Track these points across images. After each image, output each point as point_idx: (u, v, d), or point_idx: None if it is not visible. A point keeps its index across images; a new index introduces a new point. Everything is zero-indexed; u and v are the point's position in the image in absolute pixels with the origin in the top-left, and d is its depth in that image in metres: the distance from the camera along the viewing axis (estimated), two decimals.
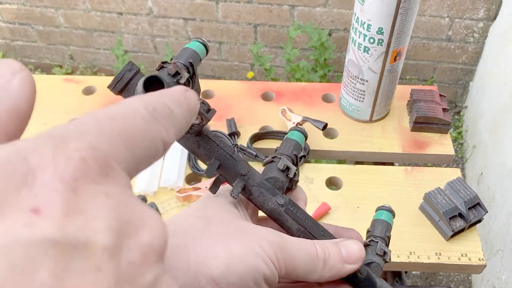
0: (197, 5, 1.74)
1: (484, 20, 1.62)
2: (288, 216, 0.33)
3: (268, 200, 0.33)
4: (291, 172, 0.34)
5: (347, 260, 0.31)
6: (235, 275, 0.27)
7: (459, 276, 1.49)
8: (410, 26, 0.72)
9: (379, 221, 0.38)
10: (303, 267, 0.29)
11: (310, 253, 0.30)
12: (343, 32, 1.73)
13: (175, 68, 0.30)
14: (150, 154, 0.18)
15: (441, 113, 0.81)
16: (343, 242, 0.32)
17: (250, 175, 0.33)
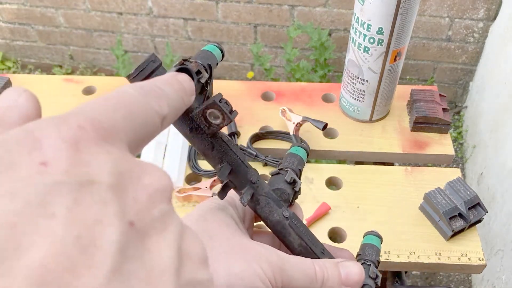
0: (197, 5, 1.74)
1: (484, 20, 1.62)
2: (291, 229, 0.32)
3: (274, 212, 0.32)
4: (297, 185, 0.34)
5: (346, 282, 0.31)
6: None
7: (459, 276, 1.49)
8: (410, 26, 0.72)
9: (369, 245, 0.38)
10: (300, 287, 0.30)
11: (308, 274, 0.30)
12: (343, 32, 1.73)
13: (197, 66, 0.29)
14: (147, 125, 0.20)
15: (441, 113, 0.81)
16: (344, 263, 0.32)
17: (259, 183, 0.32)
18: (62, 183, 0.15)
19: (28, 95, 0.18)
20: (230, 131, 0.82)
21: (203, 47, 0.33)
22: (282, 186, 0.33)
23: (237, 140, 0.81)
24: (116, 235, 0.15)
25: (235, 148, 0.32)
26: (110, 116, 0.18)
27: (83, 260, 0.14)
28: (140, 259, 0.16)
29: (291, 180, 0.34)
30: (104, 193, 0.15)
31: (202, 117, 0.29)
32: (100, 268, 0.14)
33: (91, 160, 0.16)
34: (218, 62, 0.33)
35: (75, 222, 0.14)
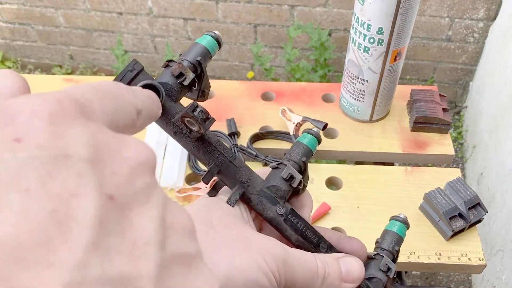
0: (197, 5, 1.74)
1: (484, 20, 1.62)
2: (287, 226, 0.32)
3: (267, 209, 0.32)
4: (295, 181, 0.33)
5: (346, 279, 0.31)
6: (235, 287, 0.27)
7: (459, 276, 1.49)
8: (410, 26, 0.72)
9: (390, 233, 0.36)
10: (302, 282, 0.29)
11: (311, 268, 0.30)
12: (343, 32, 1.73)
13: (179, 68, 0.30)
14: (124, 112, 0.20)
15: (441, 113, 0.81)
16: (344, 259, 0.31)
17: (251, 182, 0.32)
18: (36, 158, 0.14)
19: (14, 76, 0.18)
20: (230, 131, 0.82)
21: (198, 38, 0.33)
22: (278, 183, 0.33)
23: (237, 140, 0.81)
24: (94, 208, 0.14)
25: (223, 149, 0.32)
26: (87, 95, 0.18)
27: (59, 234, 0.14)
28: (121, 233, 0.15)
29: (287, 176, 0.33)
30: (81, 166, 0.15)
31: (182, 124, 0.30)
32: (78, 242, 0.14)
33: (67, 133, 0.15)
34: (212, 55, 0.32)
35: (50, 196, 0.14)
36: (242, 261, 0.28)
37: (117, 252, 0.15)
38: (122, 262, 0.15)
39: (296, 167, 0.34)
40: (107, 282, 0.14)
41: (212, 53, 0.32)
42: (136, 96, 0.22)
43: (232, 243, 0.29)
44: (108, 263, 0.14)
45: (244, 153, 0.79)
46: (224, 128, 0.83)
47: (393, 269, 0.34)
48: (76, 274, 0.13)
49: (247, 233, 0.30)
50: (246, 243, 0.29)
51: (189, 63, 0.31)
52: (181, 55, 0.31)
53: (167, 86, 0.30)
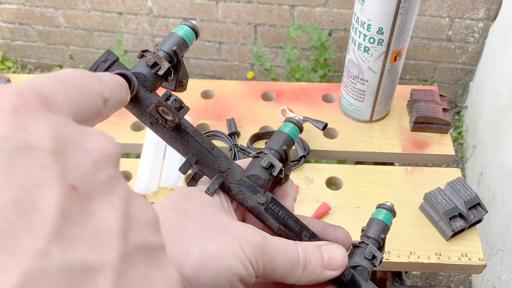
0: (197, 5, 1.74)
1: (484, 20, 1.62)
2: (268, 215, 0.32)
3: (248, 198, 0.32)
4: (275, 170, 0.32)
5: (328, 266, 0.30)
6: (208, 275, 0.26)
7: (459, 276, 1.49)
8: (410, 26, 0.72)
9: (376, 221, 0.35)
10: (282, 270, 0.29)
11: (291, 256, 0.29)
12: (343, 32, 1.73)
13: (154, 58, 0.30)
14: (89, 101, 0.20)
15: (441, 113, 0.81)
16: (327, 247, 0.31)
17: (230, 172, 0.32)
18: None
19: None
20: (230, 131, 0.82)
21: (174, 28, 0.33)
22: (257, 172, 0.32)
23: (237, 140, 0.81)
24: (56, 198, 0.15)
25: (201, 139, 0.31)
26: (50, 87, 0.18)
27: (22, 224, 0.14)
28: (83, 223, 0.15)
29: (267, 165, 0.32)
30: (43, 157, 0.15)
31: (157, 113, 0.30)
32: (40, 231, 0.14)
33: (30, 125, 0.16)
34: (189, 44, 0.32)
35: (13, 186, 0.14)
36: (216, 248, 0.27)
37: (79, 241, 0.15)
38: (84, 251, 0.15)
39: (277, 156, 0.33)
40: (69, 270, 0.14)
41: (189, 43, 0.32)
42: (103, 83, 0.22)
43: (207, 231, 0.28)
44: (70, 251, 0.14)
45: (244, 153, 0.79)
46: (224, 128, 0.83)
47: (378, 257, 0.34)
48: (38, 262, 0.14)
49: (224, 221, 0.29)
50: (222, 230, 0.28)
51: (165, 53, 0.31)
52: (157, 45, 0.31)
53: (141, 76, 0.30)
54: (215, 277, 0.26)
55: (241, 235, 0.28)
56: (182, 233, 0.28)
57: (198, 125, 0.85)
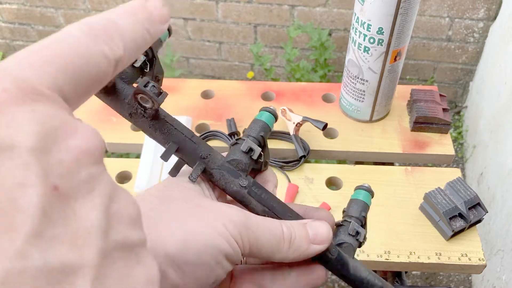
0: (197, 5, 1.74)
1: (484, 20, 1.62)
2: (251, 198, 0.32)
3: (230, 183, 0.32)
4: (255, 153, 0.33)
5: (314, 240, 0.30)
6: (192, 253, 0.26)
7: (459, 276, 1.49)
8: (410, 26, 0.72)
9: (355, 201, 0.36)
10: (268, 247, 0.29)
11: (275, 233, 0.29)
12: (343, 32, 1.73)
13: None
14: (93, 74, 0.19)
15: (441, 113, 0.81)
16: (311, 223, 0.31)
17: (211, 158, 0.32)
18: None
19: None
20: (230, 131, 0.82)
21: None
22: (238, 157, 0.33)
23: None
24: (37, 198, 0.14)
25: (180, 127, 0.32)
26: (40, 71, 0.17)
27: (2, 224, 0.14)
28: (64, 222, 0.15)
29: (247, 149, 0.33)
30: (26, 156, 0.15)
31: (136, 102, 0.30)
32: (20, 231, 0.14)
33: (12, 122, 0.15)
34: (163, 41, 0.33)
35: None
36: (200, 227, 0.27)
37: (60, 242, 0.15)
38: (64, 251, 0.15)
39: (255, 141, 0.34)
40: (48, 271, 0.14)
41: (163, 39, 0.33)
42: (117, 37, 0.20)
43: (190, 211, 0.28)
44: (50, 252, 0.14)
45: None
46: (224, 128, 0.83)
47: (362, 233, 0.34)
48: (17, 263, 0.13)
49: (206, 203, 0.29)
50: (205, 211, 0.28)
51: None
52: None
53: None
54: (200, 254, 0.26)
55: (224, 214, 0.28)
56: (164, 215, 0.28)
57: (198, 125, 0.85)
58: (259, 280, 0.31)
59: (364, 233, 0.34)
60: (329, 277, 1.48)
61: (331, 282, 1.47)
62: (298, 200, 0.73)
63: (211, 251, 0.26)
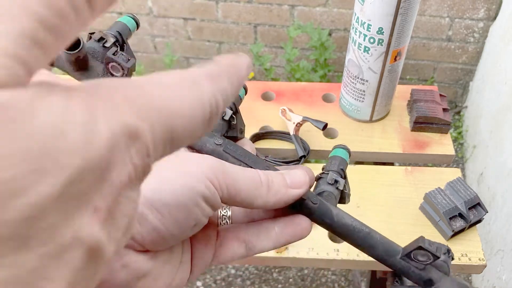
0: (197, 5, 1.74)
1: (484, 20, 1.62)
2: (228, 154, 0.33)
3: (206, 142, 0.33)
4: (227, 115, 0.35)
5: (292, 185, 0.30)
6: (168, 195, 0.26)
7: (459, 276, 1.49)
8: (410, 26, 0.72)
9: (333, 157, 0.38)
10: (247, 191, 0.29)
11: (253, 177, 0.29)
12: (343, 32, 1.73)
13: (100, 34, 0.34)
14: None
15: (441, 113, 0.81)
16: (287, 172, 0.31)
17: None
18: None
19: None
20: None
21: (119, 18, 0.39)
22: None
23: None
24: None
25: None
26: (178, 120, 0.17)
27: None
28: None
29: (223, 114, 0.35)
30: None
31: (108, 74, 0.32)
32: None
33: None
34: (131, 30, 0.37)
35: None
36: (176, 172, 0.27)
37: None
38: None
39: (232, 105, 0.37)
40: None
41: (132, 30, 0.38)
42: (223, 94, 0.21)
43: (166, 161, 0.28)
44: None
45: None
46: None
47: (341, 181, 0.35)
48: None
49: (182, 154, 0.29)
50: (181, 159, 0.28)
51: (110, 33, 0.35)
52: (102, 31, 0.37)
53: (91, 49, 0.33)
54: (176, 196, 0.26)
55: (200, 159, 0.28)
56: None
57: None
58: (244, 236, 0.31)
59: (343, 183, 0.35)
60: (329, 277, 1.48)
61: (331, 282, 1.47)
62: None
63: (188, 193, 0.27)
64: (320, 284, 1.47)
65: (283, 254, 0.67)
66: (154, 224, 0.26)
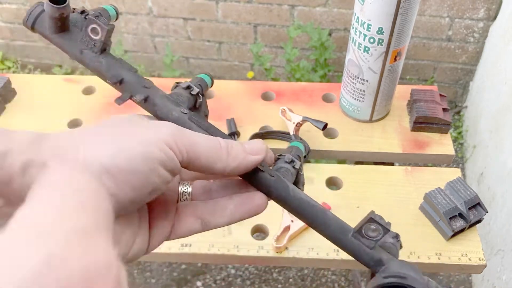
0: (197, 5, 1.74)
1: (484, 20, 1.62)
2: (192, 123, 0.34)
3: (172, 110, 0.34)
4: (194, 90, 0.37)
5: (250, 151, 0.32)
6: (124, 160, 0.27)
7: (459, 276, 1.49)
8: (410, 26, 0.72)
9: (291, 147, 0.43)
10: (206, 155, 0.30)
11: (213, 142, 0.31)
12: (343, 32, 1.73)
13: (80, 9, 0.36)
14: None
15: (441, 113, 0.81)
16: (245, 141, 0.34)
17: (154, 89, 0.36)
18: None
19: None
20: (230, 131, 0.82)
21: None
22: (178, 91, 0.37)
23: (237, 140, 0.81)
24: None
25: (125, 64, 0.36)
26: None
27: None
28: None
29: (186, 86, 0.37)
30: None
31: (87, 37, 0.34)
32: None
33: None
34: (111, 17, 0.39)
35: None
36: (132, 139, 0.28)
37: None
38: None
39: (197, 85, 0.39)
40: None
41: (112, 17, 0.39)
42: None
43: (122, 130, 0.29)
44: None
45: None
46: (224, 128, 0.83)
47: (297, 162, 0.37)
48: None
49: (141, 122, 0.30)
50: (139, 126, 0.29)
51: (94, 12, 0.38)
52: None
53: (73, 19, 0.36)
54: (132, 162, 0.27)
55: (158, 125, 0.30)
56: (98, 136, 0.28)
57: None
58: (201, 213, 0.33)
59: (299, 164, 0.37)
60: (329, 277, 1.48)
61: (331, 282, 1.47)
62: None
63: (144, 159, 0.27)
64: (320, 284, 1.47)
65: (283, 254, 0.67)
66: (112, 191, 0.26)
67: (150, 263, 1.52)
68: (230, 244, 0.68)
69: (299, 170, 0.37)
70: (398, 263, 0.32)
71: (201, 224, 0.33)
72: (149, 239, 0.31)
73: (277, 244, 0.66)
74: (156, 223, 0.32)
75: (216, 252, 0.67)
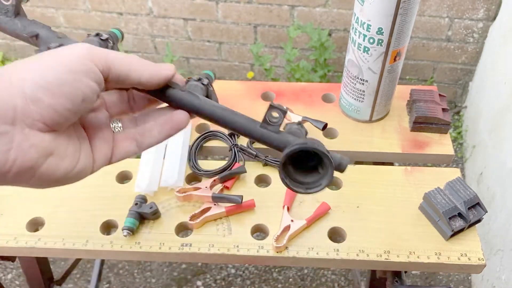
0: (197, 5, 1.74)
1: (483, 20, 1.62)
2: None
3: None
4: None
5: (161, 67, 0.37)
6: (53, 75, 0.31)
7: (459, 276, 1.50)
8: (410, 26, 0.72)
9: (201, 73, 0.49)
10: (120, 63, 0.34)
11: (126, 55, 0.35)
12: (343, 32, 1.73)
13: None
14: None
15: (441, 113, 0.82)
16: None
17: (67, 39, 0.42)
18: None
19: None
20: (230, 131, 0.82)
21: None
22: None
23: (237, 140, 0.81)
24: None
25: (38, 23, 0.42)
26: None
27: None
28: None
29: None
30: None
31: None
32: None
33: None
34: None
35: None
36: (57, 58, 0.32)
37: None
38: None
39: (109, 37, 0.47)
40: None
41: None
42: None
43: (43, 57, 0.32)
44: None
45: (244, 153, 0.79)
46: (224, 129, 0.83)
47: (204, 79, 0.43)
48: None
49: (55, 49, 0.34)
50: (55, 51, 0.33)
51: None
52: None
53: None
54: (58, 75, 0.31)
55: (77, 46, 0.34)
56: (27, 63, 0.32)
57: (198, 125, 0.85)
58: (133, 135, 0.39)
59: (207, 81, 0.43)
60: (329, 277, 1.48)
61: (331, 282, 1.47)
62: (298, 200, 0.73)
63: (68, 71, 0.32)
64: (320, 284, 1.47)
65: (283, 254, 0.67)
66: (47, 102, 0.31)
67: (150, 263, 1.53)
68: (230, 243, 0.68)
69: (207, 86, 0.42)
70: (303, 139, 0.38)
71: (136, 146, 0.39)
72: (93, 157, 0.36)
73: (277, 244, 0.66)
74: (96, 144, 0.37)
75: (216, 251, 0.67)
